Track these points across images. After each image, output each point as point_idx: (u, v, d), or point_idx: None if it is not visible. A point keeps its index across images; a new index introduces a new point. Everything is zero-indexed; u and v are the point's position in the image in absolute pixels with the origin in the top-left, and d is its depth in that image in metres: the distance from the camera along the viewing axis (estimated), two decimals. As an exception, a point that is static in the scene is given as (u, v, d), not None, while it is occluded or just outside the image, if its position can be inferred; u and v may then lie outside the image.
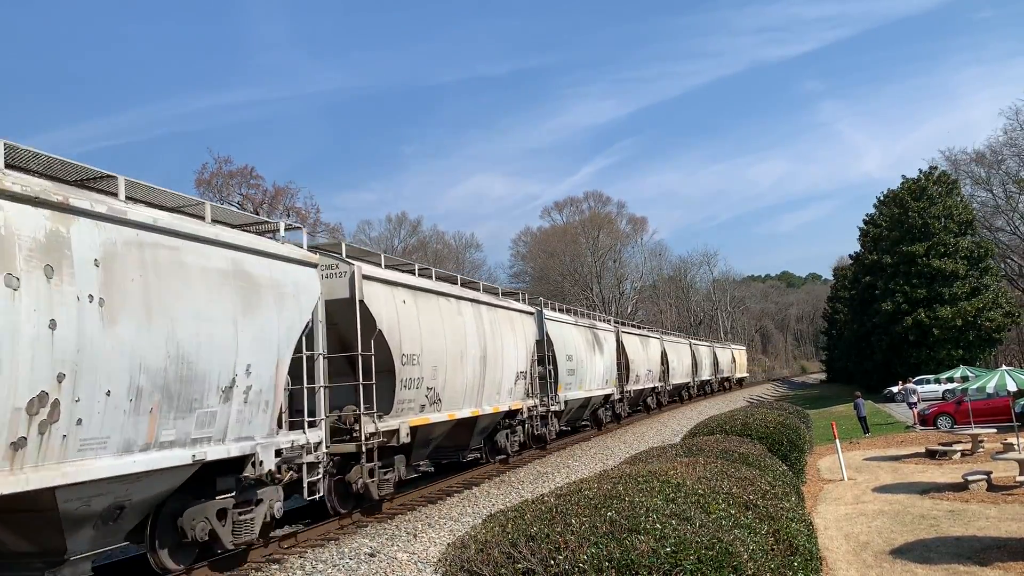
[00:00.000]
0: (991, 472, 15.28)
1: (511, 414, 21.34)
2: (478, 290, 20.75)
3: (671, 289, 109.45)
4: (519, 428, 22.18)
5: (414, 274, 17.14)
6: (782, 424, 14.69)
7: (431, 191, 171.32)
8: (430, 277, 17.89)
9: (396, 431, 14.59)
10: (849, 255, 67.61)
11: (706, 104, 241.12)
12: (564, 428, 27.86)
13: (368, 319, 14.02)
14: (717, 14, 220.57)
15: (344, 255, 14.43)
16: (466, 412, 17.96)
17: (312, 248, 13.29)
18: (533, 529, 5.10)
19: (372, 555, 12.21)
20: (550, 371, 24.56)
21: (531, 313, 23.50)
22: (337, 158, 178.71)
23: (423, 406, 15.83)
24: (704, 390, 61.00)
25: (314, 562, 11.79)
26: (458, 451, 19.86)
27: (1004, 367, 18.08)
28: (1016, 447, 16.38)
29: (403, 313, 15.23)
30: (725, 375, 70.78)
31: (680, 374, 48.82)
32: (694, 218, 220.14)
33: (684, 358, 51.23)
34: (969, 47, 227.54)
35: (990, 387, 16.00)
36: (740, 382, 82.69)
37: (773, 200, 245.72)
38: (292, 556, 12.17)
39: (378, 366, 14.22)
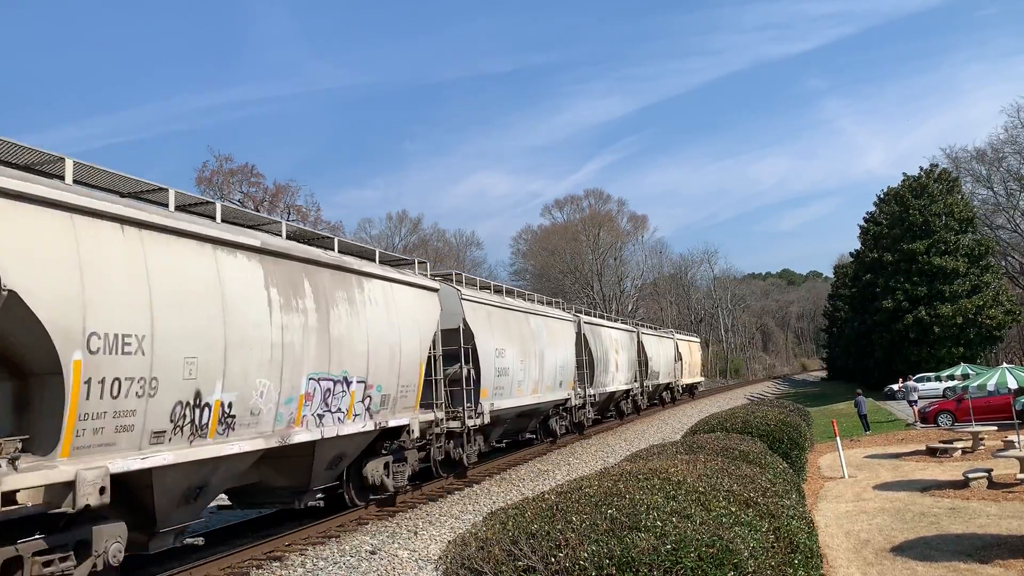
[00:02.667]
0: (992, 470, 15.27)
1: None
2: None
3: (672, 287, 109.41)
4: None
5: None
6: (783, 422, 14.69)
7: (434, 188, 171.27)
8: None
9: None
10: (850, 253, 67.20)
11: (709, 101, 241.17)
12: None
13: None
14: (721, 11, 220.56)
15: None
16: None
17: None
18: (534, 527, 5.10)
19: (373, 552, 12.22)
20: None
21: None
22: (340, 156, 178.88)
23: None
24: (619, 410, 36.51)
25: (315, 559, 11.80)
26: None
27: (1005, 364, 18.04)
28: (1017, 444, 16.36)
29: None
30: (663, 381, 44.09)
31: (531, 385, 22.78)
32: (696, 216, 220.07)
33: (555, 353, 24.72)
34: (972, 44, 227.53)
35: (991, 385, 15.97)
36: (691, 391, 56.49)
37: (775, 198, 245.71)
38: (293, 554, 12.18)
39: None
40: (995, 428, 21.42)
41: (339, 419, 12.65)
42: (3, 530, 7.62)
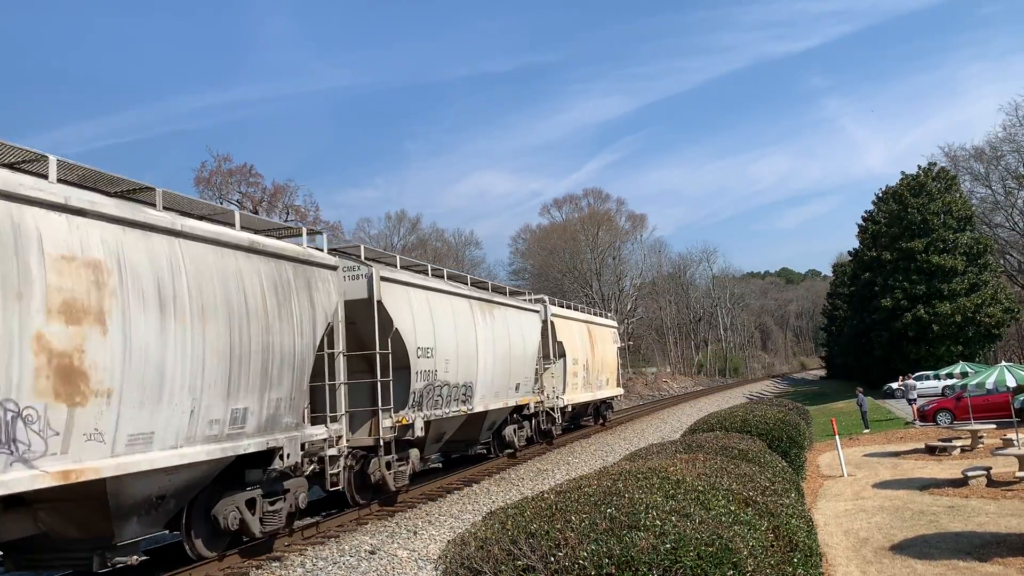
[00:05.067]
0: (991, 468, 15.29)
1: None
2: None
3: (671, 286, 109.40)
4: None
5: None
6: (782, 420, 14.68)
7: (434, 188, 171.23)
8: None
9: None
10: (849, 251, 67.07)
11: (710, 100, 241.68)
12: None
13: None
14: (722, 9, 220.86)
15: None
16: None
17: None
18: (533, 526, 5.10)
19: (372, 552, 12.22)
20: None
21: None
22: (341, 155, 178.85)
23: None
24: (228, 536, 11.14)
25: (315, 559, 11.80)
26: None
27: (1003, 363, 18.04)
28: (1015, 443, 16.38)
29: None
30: (495, 406, 19.93)
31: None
32: (696, 215, 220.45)
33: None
34: (974, 42, 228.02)
35: (989, 383, 15.98)
36: (598, 414, 34.24)
37: (775, 196, 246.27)
38: (292, 554, 12.18)
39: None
40: (994, 426, 21.43)
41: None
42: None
